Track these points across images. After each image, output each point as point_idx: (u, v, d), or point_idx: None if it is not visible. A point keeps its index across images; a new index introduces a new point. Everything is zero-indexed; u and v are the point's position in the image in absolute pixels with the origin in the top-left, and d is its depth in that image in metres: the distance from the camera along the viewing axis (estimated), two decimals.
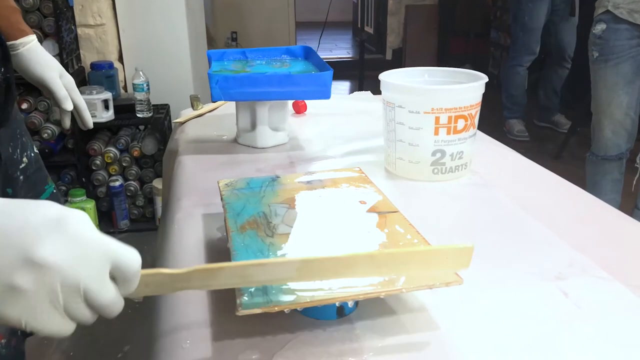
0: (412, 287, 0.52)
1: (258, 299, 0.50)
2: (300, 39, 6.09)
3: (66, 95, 0.85)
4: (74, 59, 2.31)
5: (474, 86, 0.87)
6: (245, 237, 0.61)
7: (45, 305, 0.36)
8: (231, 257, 0.57)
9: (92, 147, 2.33)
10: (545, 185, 0.92)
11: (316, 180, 0.77)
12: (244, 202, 0.70)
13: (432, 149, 0.89)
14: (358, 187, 0.75)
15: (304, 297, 0.50)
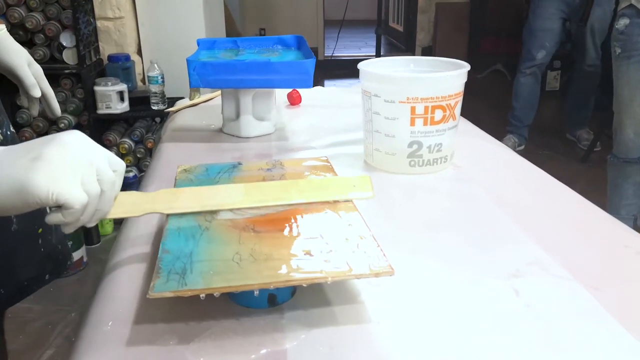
0: (337, 277, 0.49)
1: (173, 283, 0.48)
2: (328, 37, 6.07)
3: (34, 83, 0.86)
4: (92, 51, 2.35)
5: (452, 75, 0.84)
6: (182, 221, 0.59)
7: (67, 172, 0.47)
8: (161, 238, 0.56)
9: (108, 137, 2.37)
10: (532, 184, 0.88)
11: (277, 168, 0.75)
12: (194, 187, 0.68)
13: (408, 140, 0.86)
14: (317, 175, 0.72)
15: (218, 283, 0.48)
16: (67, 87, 2.31)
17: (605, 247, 0.66)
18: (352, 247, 0.54)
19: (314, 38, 5.54)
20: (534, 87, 3.09)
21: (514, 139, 3.19)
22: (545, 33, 2.93)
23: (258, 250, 0.53)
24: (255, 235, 0.56)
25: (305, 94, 1.39)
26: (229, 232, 0.57)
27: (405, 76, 0.85)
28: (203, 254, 0.53)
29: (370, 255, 0.52)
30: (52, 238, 0.91)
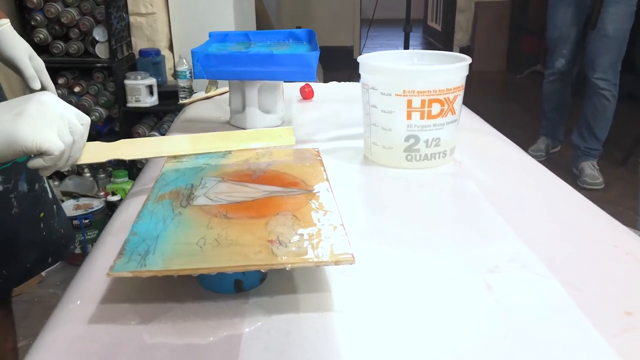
0: (296, 263, 0.49)
1: (133, 263, 0.49)
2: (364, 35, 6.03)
3: (34, 75, 0.89)
4: (125, 45, 2.41)
5: (449, 68, 0.82)
6: (158, 206, 0.60)
7: (46, 125, 0.56)
8: (133, 221, 0.57)
9: (137, 130, 2.43)
10: (533, 182, 0.85)
11: (265, 156, 0.75)
12: (179, 174, 0.69)
13: (404, 134, 0.84)
14: (303, 167, 0.72)
15: (175, 265, 0.48)
16: (100, 80, 2.37)
17: (595, 246, 0.64)
18: (320, 236, 0.53)
19: (350, 36, 5.53)
20: (562, 92, 2.95)
21: (547, 141, 3.09)
22: (563, 41, 2.78)
23: (224, 236, 0.53)
24: (226, 221, 0.57)
25: (319, 88, 1.39)
26: (200, 217, 0.57)
27: (401, 68, 0.84)
28: (170, 237, 0.53)
29: (335, 243, 0.52)
30: (54, 222, 0.94)
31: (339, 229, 0.55)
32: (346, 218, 0.69)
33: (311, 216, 0.58)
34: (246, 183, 0.67)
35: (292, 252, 0.50)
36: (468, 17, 5.38)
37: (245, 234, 0.54)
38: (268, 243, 0.52)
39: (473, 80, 5.21)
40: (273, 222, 0.56)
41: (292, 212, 0.59)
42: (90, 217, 2.07)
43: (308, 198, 0.62)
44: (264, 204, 0.61)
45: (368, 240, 0.65)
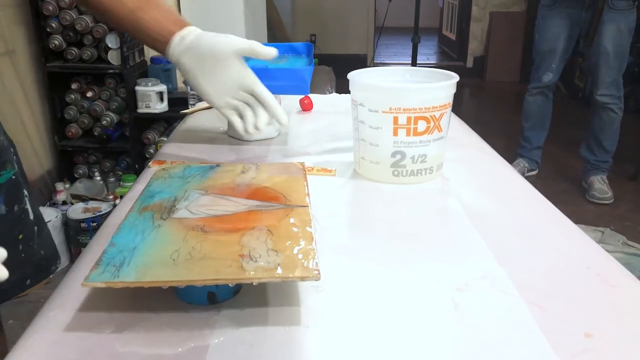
0: (263, 278, 0.51)
1: (107, 274, 0.51)
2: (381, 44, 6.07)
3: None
4: (137, 52, 2.46)
5: (435, 87, 0.84)
6: (140, 218, 0.62)
7: None
8: (114, 232, 0.59)
9: (147, 136, 2.47)
10: (516, 200, 0.86)
11: (251, 171, 0.77)
12: (165, 186, 0.72)
13: (391, 150, 0.86)
14: (286, 181, 0.74)
15: (147, 277, 0.50)
16: (111, 86, 2.42)
17: (567, 266, 0.65)
18: (291, 250, 0.55)
19: (363, 44, 5.56)
20: (544, 107, 2.88)
21: (523, 162, 3.00)
22: (551, 54, 2.72)
23: (198, 249, 0.55)
24: (202, 234, 0.59)
25: (319, 100, 1.41)
26: (177, 231, 0.60)
27: (387, 86, 0.85)
28: (145, 249, 0.56)
29: (304, 259, 0.54)
30: (33, 244, 0.90)
31: (310, 244, 0.57)
32: (326, 232, 0.72)
33: (286, 231, 0.60)
34: (228, 196, 0.69)
35: (261, 267, 0.52)
36: (483, 27, 5.38)
37: (219, 247, 0.56)
38: (239, 257, 0.54)
39: (486, 89, 5.22)
40: (247, 237, 0.58)
41: (268, 226, 0.61)
42: (98, 220, 2.11)
43: (286, 213, 0.64)
44: (242, 218, 0.63)
45: (344, 255, 0.66)
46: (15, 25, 2.24)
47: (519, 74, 5.28)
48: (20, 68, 2.27)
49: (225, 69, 0.81)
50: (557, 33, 2.68)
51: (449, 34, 6.37)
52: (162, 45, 0.83)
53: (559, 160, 3.31)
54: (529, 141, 2.98)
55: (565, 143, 3.48)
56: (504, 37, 5.26)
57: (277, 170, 0.78)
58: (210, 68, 0.81)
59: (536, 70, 2.82)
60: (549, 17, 2.69)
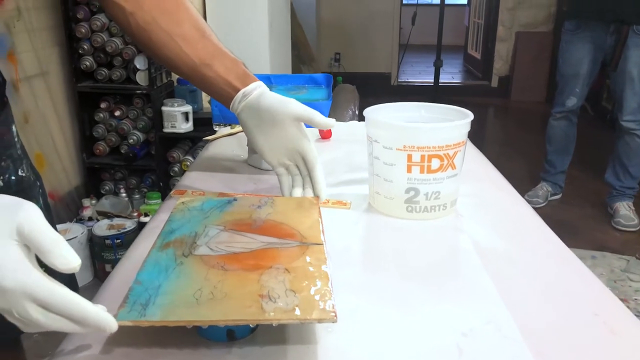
0: (282, 319, 0.53)
1: (134, 313, 0.54)
2: (406, 62, 6.09)
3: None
4: (164, 73, 2.52)
5: (449, 126, 0.85)
6: (162, 255, 0.65)
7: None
8: (138, 269, 0.62)
9: (172, 154, 2.53)
10: (530, 240, 0.86)
11: (267, 206, 0.79)
12: (185, 221, 0.74)
13: (405, 187, 0.88)
14: (300, 217, 0.76)
15: (172, 316, 0.53)
16: (139, 105, 2.49)
17: (574, 312, 0.65)
18: (308, 290, 0.57)
19: (388, 63, 5.59)
20: (568, 131, 2.85)
21: (546, 187, 2.97)
22: (575, 79, 2.70)
23: (219, 288, 0.58)
24: (223, 273, 0.61)
25: (339, 128, 1.43)
26: (199, 268, 0.62)
27: (402, 125, 0.87)
28: (169, 287, 0.58)
29: (321, 300, 0.55)
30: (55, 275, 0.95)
31: (327, 285, 0.58)
32: (340, 269, 0.73)
33: (302, 270, 0.61)
34: (245, 233, 0.71)
35: (280, 308, 0.54)
36: (508, 46, 5.36)
37: (239, 287, 0.58)
38: (259, 297, 0.56)
39: (511, 110, 5.19)
40: (266, 276, 0.60)
41: (285, 265, 0.63)
42: (122, 237, 2.16)
43: (302, 251, 0.66)
44: (260, 256, 0.65)
45: (356, 294, 0.68)
46: (50, 48, 2.32)
47: (544, 94, 5.24)
48: (53, 88, 2.36)
49: (281, 131, 0.85)
50: (580, 57, 2.67)
51: (474, 53, 6.36)
52: (226, 101, 0.87)
53: (584, 184, 3.26)
54: (553, 165, 2.95)
55: (591, 167, 3.43)
56: (530, 57, 5.23)
57: (291, 206, 0.80)
58: (267, 128, 0.85)
59: (560, 95, 2.80)
60: (573, 41, 2.69)
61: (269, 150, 0.87)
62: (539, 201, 2.94)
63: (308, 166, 0.86)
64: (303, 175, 0.89)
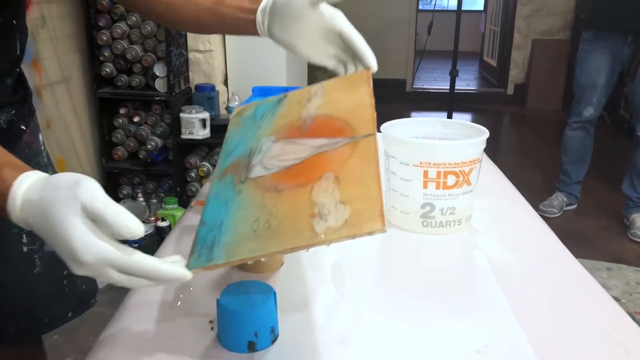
0: (333, 239, 0.52)
1: (202, 258, 0.56)
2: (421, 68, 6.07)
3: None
4: (182, 80, 2.56)
5: (465, 144, 0.87)
6: (222, 185, 0.66)
7: None
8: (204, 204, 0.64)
9: (189, 160, 2.56)
10: (543, 256, 0.87)
11: (316, 97, 0.72)
12: (240, 136, 0.72)
13: (421, 202, 0.89)
14: (350, 99, 0.69)
15: (235, 256, 0.54)
16: (157, 112, 2.53)
17: (588, 332, 0.66)
18: (357, 201, 0.54)
19: (403, 69, 5.59)
20: (584, 141, 2.83)
21: (561, 197, 2.95)
22: (592, 89, 2.68)
23: (274, 214, 0.57)
24: (277, 196, 0.59)
25: None
26: (255, 195, 0.61)
27: (418, 142, 0.89)
28: (229, 223, 0.59)
29: (370, 210, 0.53)
30: (77, 279, 0.97)
31: (376, 190, 0.55)
32: (356, 283, 0.75)
33: (352, 175, 0.58)
34: (296, 139, 0.67)
35: (330, 227, 0.52)
36: (524, 54, 5.33)
37: (292, 209, 0.56)
38: (310, 219, 0.54)
39: (527, 117, 5.16)
40: (316, 190, 0.58)
41: (335, 172, 0.59)
42: (140, 242, 2.20)
43: (352, 149, 0.61)
44: (310, 166, 0.62)
45: (372, 309, 0.70)
46: (72, 55, 2.37)
47: (561, 102, 5.20)
48: (74, 94, 2.40)
49: (308, 21, 0.75)
50: (598, 68, 2.66)
51: (490, 60, 6.34)
52: (253, 28, 0.80)
53: (600, 194, 3.24)
54: (568, 175, 2.94)
55: (607, 177, 3.41)
56: (547, 65, 5.20)
57: (341, 89, 0.72)
58: (293, 26, 0.76)
59: (577, 105, 2.79)
60: (590, 51, 2.68)
61: (310, 48, 0.77)
62: (554, 211, 2.92)
63: (347, 40, 0.75)
64: (350, 55, 0.78)
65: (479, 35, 7.19)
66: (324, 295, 0.73)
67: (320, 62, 0.78)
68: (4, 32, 0.79)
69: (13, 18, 0.81)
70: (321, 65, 0.77)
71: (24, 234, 0.89)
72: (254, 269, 0.78)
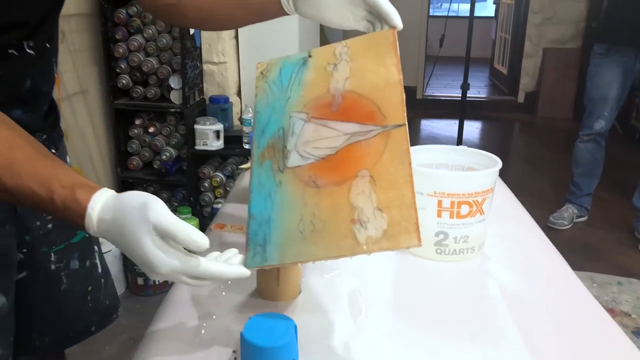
0: (374, 250, 0.59)
1: (257, 257, 0.63)
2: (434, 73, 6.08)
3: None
4: (197, 91, 2.60)
5: (478, 175, 0.89)
6: (262, 171, 0.70)
7: None
8: (249, 194, 0.69)
9: (202, 171, 2.60)
10: (555, 285, 0.90)
11: (343, 64, 0.74)
12: (270, 107, 0.75)
13: (435, 230, 0.92)
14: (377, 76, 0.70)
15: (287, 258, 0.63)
16: (172, 123, 2.57)
17: None
18: (393, 209, 0.60)
19: (413, 76, 5.60)
20: (595, 154, 2.84)
21: (572, 209, 2.96)
22: (603, 102, 2.70)
23: (317, 216, 0.63)
24: (316, 192, 0.65)
25: None
26: (296, 190, 0.67)
27: (433, 172, 0.91)
28: (276, 221, 0.65)
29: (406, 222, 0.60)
30: (100, 295, 1.01)
31: (410, 198, 0.61)
32: (372, 312, 0.78)
33: (387, 175, 0.63)
34: (327, 121, 0.70)
35: (371, 237, 0.59)
36: (535, 62, 5.33)
37: (333, 212, 0.63)
38: (351, 224, 0.61)
39: (537, 126, 5.16)
40: (354, 190, 0.63)
41: (370, 170, 0.64)
42: None
43: (384, 142, 0.65)
44: (345, 159, 0.66)
45: (387, 339, 0.72)
46: (89, 67, 2.42)
47: (572, 110, 5.20)
48: (91, 105, 2.45)
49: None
50: (609, 81, 2.67)
51: (501, 68, 6.34)
52: (280, 9, 0.82)
53: (611, 206, 3.24)
54: (579, 187, 2.94)
55: (619, 188, 3.41)
56: (558, 73, 5.20)
57: (367, 53, 0.73)
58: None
59: (588, 118, 2.80)
60: (602, 65, 2.69)
61: (339, 16, 0.78)
62: (564, 223, 2.93)
63: (370, 2, 0.75)
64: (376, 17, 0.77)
65: (489, 41, 7.19)
66: (341, 326, 0.75)
67: (351, 27, 0.78)
68: (40, 57, 0.82)
69: (47, 42, 0.84)
70: (353, 29, 0.78)
71: (52, 252, 0.93)
72: (273, 296, 0.80)
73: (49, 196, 0.61)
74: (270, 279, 0.80)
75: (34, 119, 0.86)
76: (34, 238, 0.90)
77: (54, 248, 0.93)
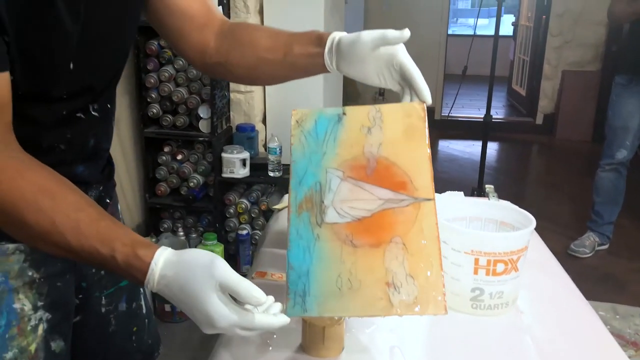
0: (405, 314, 0.67)
1: (298, 307, 0.68)
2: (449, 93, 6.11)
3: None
4: (224, 120, 2.67)
5: (514, 236, 0.93)
6: (299, 222, 0.75)
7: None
8: (287, 244, 0.74)
9: (228, 197, 2.66)
10: (587, 340, 0.93)
11: (377, 128, 0.78)
12: (306, 158, 0.79)
13: (471, 286, 0.96)
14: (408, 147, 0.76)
15: (326, 312, 0.69)
16: (200, 150, 2.64)
17: None
18: (423, 278, 0.69)
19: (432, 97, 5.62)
20: (617, 183, 2.85)
21: (593, 237, 2.96)
22: (625, 132, 2.72)
23: (354, 274, 0.69)
24: (353, 252, 0.71)
25: None
26: (334, 247, 0.72)
27: (471, 232, 0.95)
28: (315, 274, 0.70)
29: (435, 291, 0.68)
30: (144, 334, 1.05)
31: (439, 269, 0.69)
32: None
33: (418, 247, 0.70)
34: (363, 183, 0.76)
35: (403, 302, 0.67)
36: (554, 85, 5.35)
37: (369, 273, 0.69)
38: (386, 287, 0.67)
39: (556, 148, 5.16)
40: (388, 255, 0.70)
41: (402, 238, 0.71)
42: None
43: (415, 213, 0.72)
44: (380, 223, 0.72)
45: None
46: (121, 96, 2.49)
47: (590, 133, 5.19)
48: (122, 133, 2.53)
49: (370, 60, 0.82)
50: (631, 111, 2.70)
51: (519, 89, 6.36)
52: (323, 68, 0.88)
53: (633, 234, 3.23)
54: (600, 216, 2.95)
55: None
56: (577, 96, 5.20)
57: (399, 125, 0.78)
58: (359, 63, 0.83)
59: (609, 147, 2.82)
60: (624, 95, 2.71)
61: (377, 78, 0.84)
62: (585, 251, 2.94)
63: (406, 74, 0.81)
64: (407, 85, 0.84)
65: (507, 60, 7.21)
66: None
67: (387, 87, 0.86)
68: (103, 118, 0.88)
69: (108, 103, 0.90)
70: (389, 88, 0.86)
71: (103, 296, 0.98)
72: (318, 353, 0.84)
73: (111, 254, 0.67)
74: (316, 336, 0.83)
75: (93, 173, 0.91)
76: (89, 284, 0.95)
77: (105, 292, 0.98)
